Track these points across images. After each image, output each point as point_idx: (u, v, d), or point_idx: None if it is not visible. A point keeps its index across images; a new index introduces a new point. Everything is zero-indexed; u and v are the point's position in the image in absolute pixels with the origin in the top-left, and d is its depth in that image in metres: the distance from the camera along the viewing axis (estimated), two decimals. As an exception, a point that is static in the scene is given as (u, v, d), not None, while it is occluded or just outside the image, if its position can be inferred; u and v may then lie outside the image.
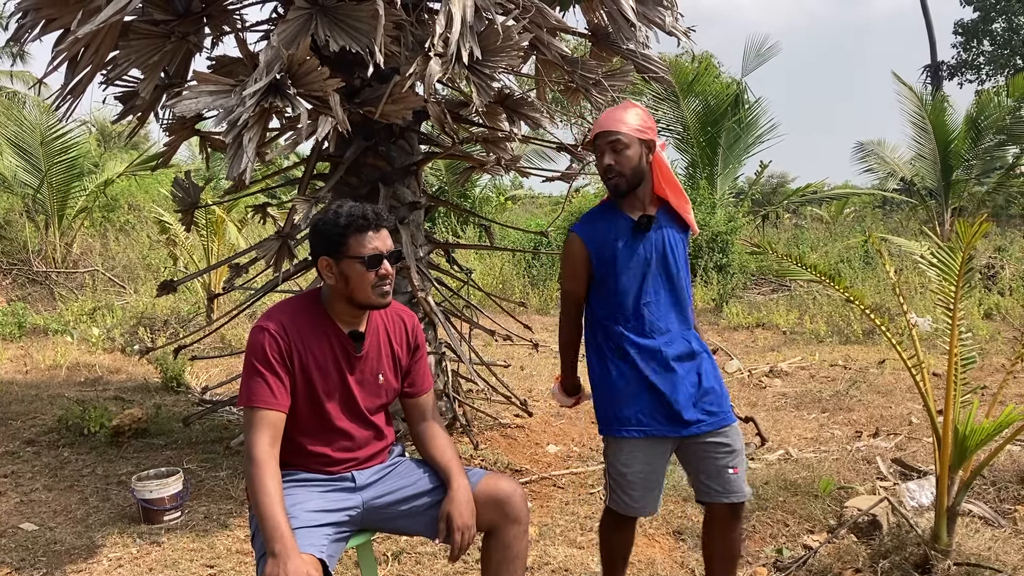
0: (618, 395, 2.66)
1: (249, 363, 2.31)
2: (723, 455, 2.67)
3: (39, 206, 11.72)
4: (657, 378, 2.63)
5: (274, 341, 2.31)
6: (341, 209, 2.35)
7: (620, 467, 2.67)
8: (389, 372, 2.53)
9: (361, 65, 3.91)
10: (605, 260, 2.68)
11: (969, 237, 2.92)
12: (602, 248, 2.68)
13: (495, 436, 5.12)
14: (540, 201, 24.16)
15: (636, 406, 2.63)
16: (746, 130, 14.03)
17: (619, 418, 2.65)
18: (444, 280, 5.51)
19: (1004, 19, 27.69)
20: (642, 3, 4.65)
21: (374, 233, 2.34)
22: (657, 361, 2.64)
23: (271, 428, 2.26)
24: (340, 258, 2.33)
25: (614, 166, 2.63)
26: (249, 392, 2.28)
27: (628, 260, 2.66)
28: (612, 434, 2.68)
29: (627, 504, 2.70)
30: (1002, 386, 3.27)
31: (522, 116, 4.52)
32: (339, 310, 2.42)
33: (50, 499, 4.24)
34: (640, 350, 2.65)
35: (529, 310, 10.18)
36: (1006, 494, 4.07)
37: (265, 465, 2.19)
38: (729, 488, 2.68)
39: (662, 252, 2.70)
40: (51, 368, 7.10)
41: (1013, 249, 12.55)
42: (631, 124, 2.63)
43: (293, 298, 2.49)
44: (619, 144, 2.61)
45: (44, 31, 4.16)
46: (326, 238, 2.34)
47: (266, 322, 2.34)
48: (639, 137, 2.63)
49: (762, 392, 6.54)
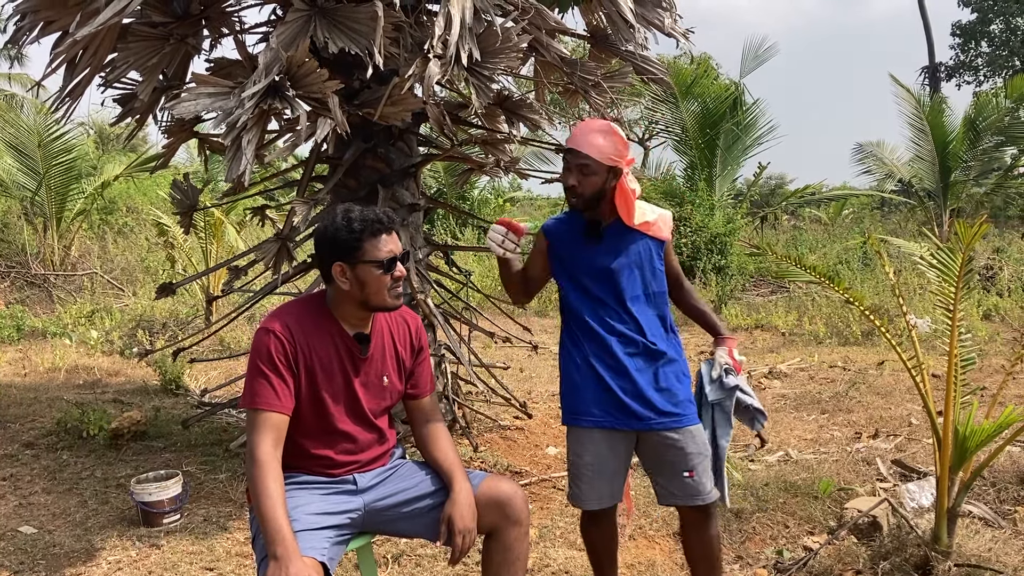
0: (574, 386, 2.76)
1: (253, 364, 2.31)
2: (678, 458, 2.68)
3: (37, 209, 11.71)
4: (609, 373, 2.70)
5: (279, 343, 2.30)
6: (352, 214, 2.33)
7: (572, 456, 2.79)
8: (393, 374, 2.53)
9: (360, 67, 3.91)
10: (560, 258, 2.83)
11: (969, 238, 2.92)
12: (559, 246, 2.84)
13: (494, 438, 5.11)
14: (539, 203, 24.17)
15: (589, 398, 2.72)
16: (744, 132, 14.04)
17: (575, 409, 2.75)
18: (443, 282, 5.50)
19: (1002, 20, 27.75)
20: (641, 5, 4.65)
21: (387, 236, 2.35)
22: (611, 357, 2.71)
23: (274, 430, 2.26)
24: (355, 263, 2.33)
25: (576, 188, 2.72)
26: (252, 393, 2.28)
27: (586, 262, 2.78)
28: (568, 423, 2.79)
29: (575, 494, 2.79)
30: (1002, 387, 3.27)
31: (521, 118, 4.53)
32: (347, 313, 2.42)
33: (49, 502, 4.23)
34: (597, 346, 2.74)
35: (528, 312, 10.17)
36: (1006, 495, 4.07)
37: (267, 467, 2.19)
38: (687, 491, 2.69)
39: (620, 256, 2.76)
40: (50, 371, 7.09)
41: (1011, 250, 12.57)
42: (604, 151, 2.67)
43: (297, 300, 2.49)
44: (587, 169, 2.68)
45: (42, 33, 4.16)
46: (339, 244, 2.32)
47: (271, 323, 2.33)
48: (608, 164, 2.68)
49: (761, 393, 6.54)
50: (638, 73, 4.93)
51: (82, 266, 11.74)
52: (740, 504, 4.02)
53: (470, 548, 2.37)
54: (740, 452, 4.93)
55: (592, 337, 2.75)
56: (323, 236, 2.36)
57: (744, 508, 3.98)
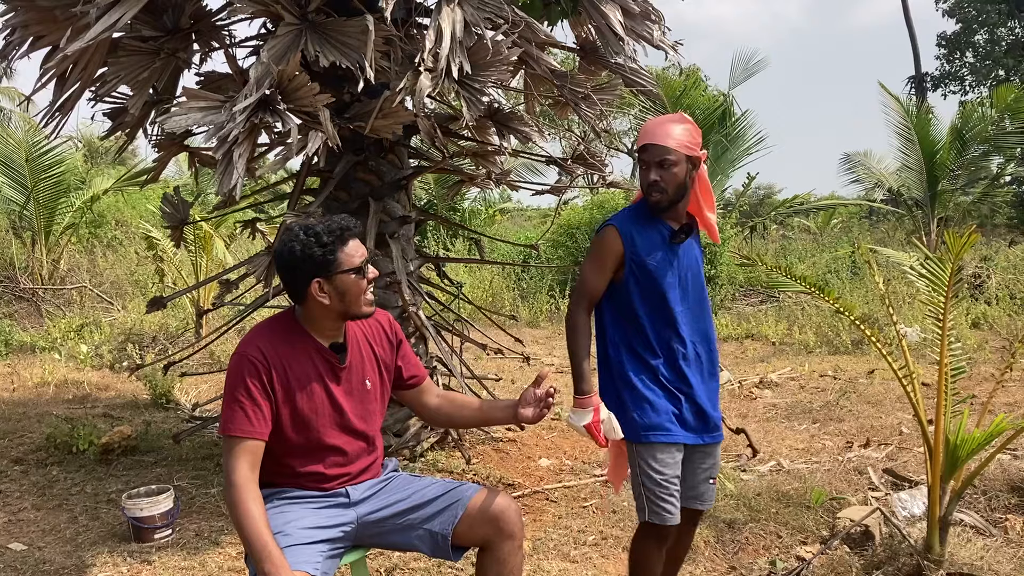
0: (645, 401, 2.64)
1: (228, 391, 2.31)
2: (711, 467, 2.81)
3: (25, 222, 11.64)
4: (679, 388, 2.68)
5: (253, 367, 2.29)
6: (316, 228, 2.31)
7: (653, 473, 2.64)
8: (374, 375, 2.53)
9: (351, 80, 3.91)
10: (639, 263, 2.65)
11: (958, 248, 2.94)
12: (638, 250, 2.65)
13: (487, 450, 5.10)
14: (529, 214, 24.22)
15: (663, 413, 2.65)
16: (733, 143, 14.11)
17: (652, 424, 2.64)
18: (434, 294, 5.51)
19: (986, 31, 27.99)
20: (630, 17, 4.68)
21: (354, 241, 2.36)
22: (678, 371, 2.69)
23: (249, 455, 2.26)
24: (332, 275, 2.32)
25: (659, 183, 2.60)
26: (226, 420, 2.28)
27: (664, 268, 2.66)
28: (644, 440, 2.65)
29: (663, 512, 2.64)
30: (992, 395, 3.30)
31: (511, 130, 4.54)
32: (322, 327, 2.41)
33: (39, 518, 4.20)
34: (665, 359, 2.68)
35: (520, 323, 10.17)
36: (997, 503, 4.08)
37: (245, 488, 2.20)
38: (706, 496, 2.82)
39: (692, 264, 2.75)
40: (39, 386, 7.04)
41: (999, 258, 12.64)
42: (680, 140, 2.59)
43: (268, 321, 2.46)
44: (667, 162, 2.58)
45: (32, 48, 4.15)
46: (314, 261, 2.30)
47: (245, 348, 2.32)
48: (687, 154, 2.61)
49: (752, 403, 6.55)
50: (627, 85, 4.95)
51: (71, 280, 11.68)
52: (733, 514, 4.02)
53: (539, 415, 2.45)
54: (732, 462, 4.94)
55: (657, 349, 2.67)
56: (294, 257, 2.30)
57: (737, 518, 3.98)
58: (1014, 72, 26.14)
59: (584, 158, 5.21)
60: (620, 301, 2.69)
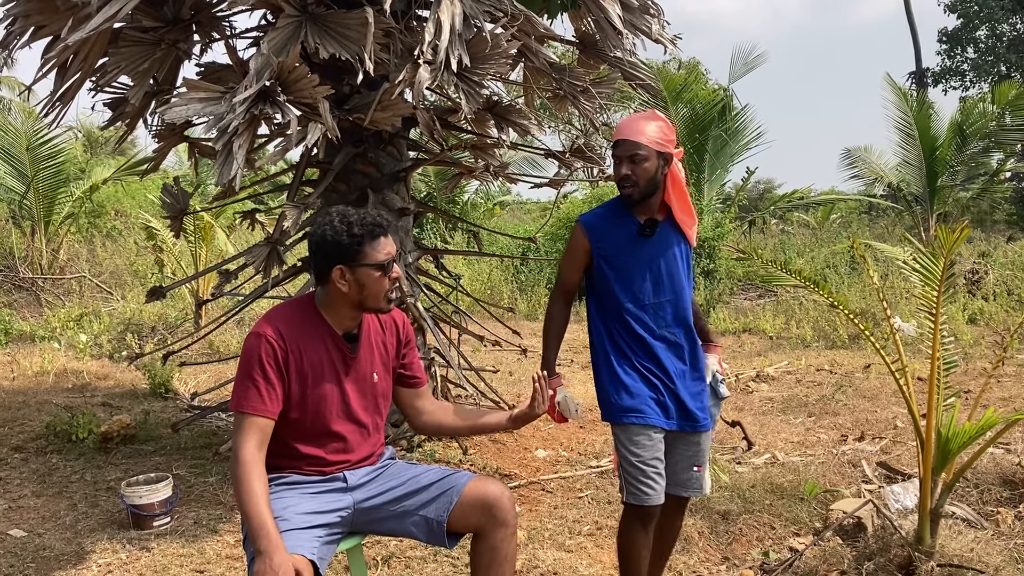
0: (623, 386, 2.76)
1: (243, 368, 2.34)
2: (696, 454, 2.87)
3: (25, 212, 11.65)
4: (656, 375, 2.77)
5: (270, 347, 2.34)
6: (351, 218, 2.37)
7: (630, 455, 2.74)
8: (382, 369, 2.57)
9: (350, 72, 3.93)
10: (605, 256, 2.79)
11: (950, 243, 2.96)
12: (603, 244, 2.79)
13: (483, 441, 5.13)
14: (528, 207, 24.20)
15: (641, 397, 2.75)
16: (733, 137, 14.11)
17: (629, 406, 2.74)
18: (433, 286, 5.53)
19: (987, 26, 27.92)
20: (629, 11, 4.68)
21: (385, 239, 2.40)
22: (656, 360, 2.78)
23: (259, 433, 2.30)
24: (356, 266, 2.36)
25: (630, 176, 2.71)
26: (240, 397, 2.32)
27: (632, 261, 2.77)
28: (621, 421, 2.76)
29: (643, 493, 2.73)
30: (984, 389, 3.32)
31: (510, 123, 4.55)
32: (339, 314, 2.45)
33: (39, 505, 4.23)
34: (641, 348, 2.78)
35: (517, 315, 10.20)
36: (988, 496, 4.12)
37: (251, 466, 2.24)
38: (691, 484, 2.90)
39: (670, 257, 2.80)
40: (38, 375, 7.06)
41: (997, 255, 12.67)
42: (651, 136, 2.70)
43: (288, 303, 2.52)
44: (638, 156, 2.69)
45: (33, 38, 4.16)
46: (341, 248, 2.35)
47: (263, 328, 2.36)
48: (658, 150, 2.71)
49: (749, 397, 6.58)
50: (626, 79, 4.96)
51: (70, 270, 11.70)
52: (727, 506, 4.06)
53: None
54: (727, 454, 4.97)
55: (635, 338, 2.78)
56: (323, 240, 2.37)
57: (731, 510, 4.02)
58: (1016, 68, 26.08)
59: (583, 151, 5.23)
60: (599, 292, 2.85)
